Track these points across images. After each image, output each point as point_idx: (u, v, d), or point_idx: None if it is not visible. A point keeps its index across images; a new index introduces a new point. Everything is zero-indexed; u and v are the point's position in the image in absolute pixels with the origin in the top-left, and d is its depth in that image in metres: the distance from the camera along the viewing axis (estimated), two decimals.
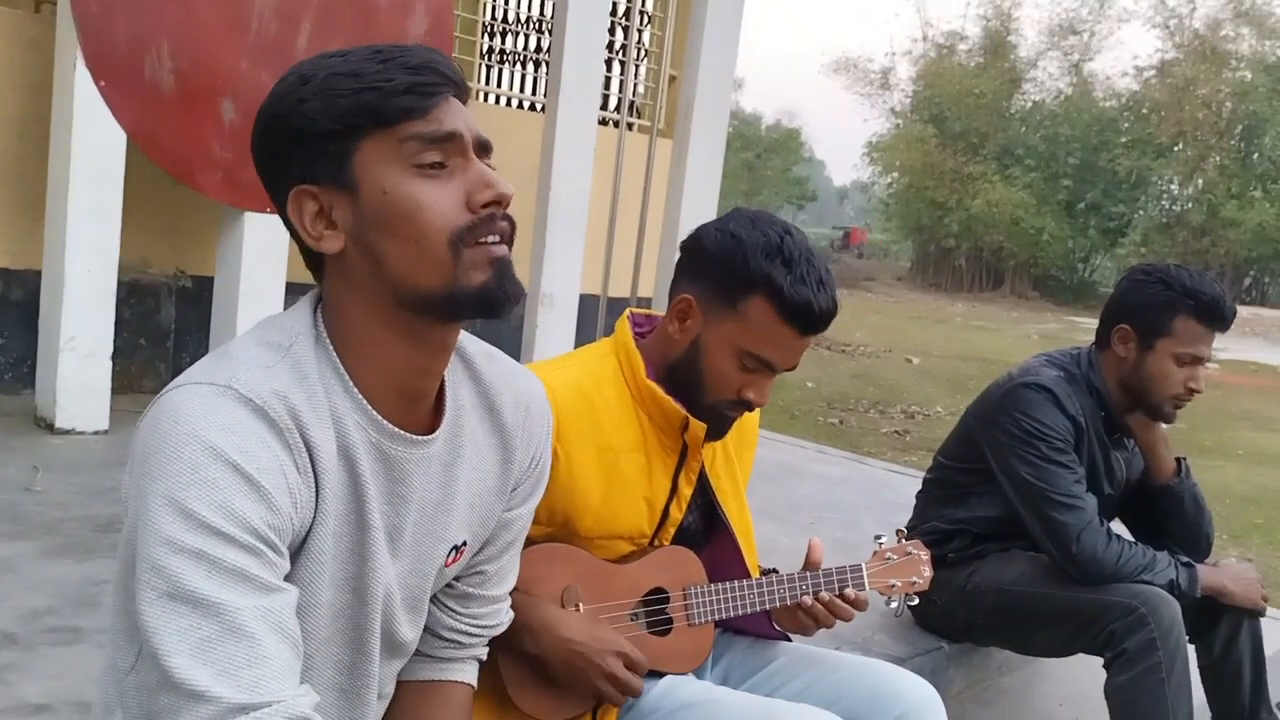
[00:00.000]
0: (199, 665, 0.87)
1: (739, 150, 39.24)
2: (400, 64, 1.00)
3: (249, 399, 0.96)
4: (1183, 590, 2.28)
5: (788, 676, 1.70)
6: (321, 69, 1.01)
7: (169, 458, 0.92)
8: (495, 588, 1.30)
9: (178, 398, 0.96)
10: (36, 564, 2.50)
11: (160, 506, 0.90)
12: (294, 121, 1.00)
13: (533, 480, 1.28)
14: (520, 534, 1.31)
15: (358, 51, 1.02)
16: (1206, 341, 2.34)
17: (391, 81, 0.99)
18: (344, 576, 1.07)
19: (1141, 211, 31.20)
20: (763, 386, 1.57)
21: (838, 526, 3.75)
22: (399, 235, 1.00)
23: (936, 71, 32.54)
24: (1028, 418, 2.35)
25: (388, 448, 1.06)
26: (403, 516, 1.11)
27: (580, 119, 4.83)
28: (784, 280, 1.48)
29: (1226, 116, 28.96)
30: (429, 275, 1.00)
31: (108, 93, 3.51)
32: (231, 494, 0.91)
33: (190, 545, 0.89)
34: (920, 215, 31.66)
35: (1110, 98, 31.97)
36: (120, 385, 4.05)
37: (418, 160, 1.00)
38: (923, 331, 16.74)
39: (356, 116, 0.99)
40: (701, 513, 1.73)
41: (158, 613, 0.89)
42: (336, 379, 1.03)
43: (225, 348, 1.03)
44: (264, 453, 0.95)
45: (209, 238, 4.43)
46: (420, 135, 0.99)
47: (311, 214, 1.02)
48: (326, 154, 1.00)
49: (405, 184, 0.99)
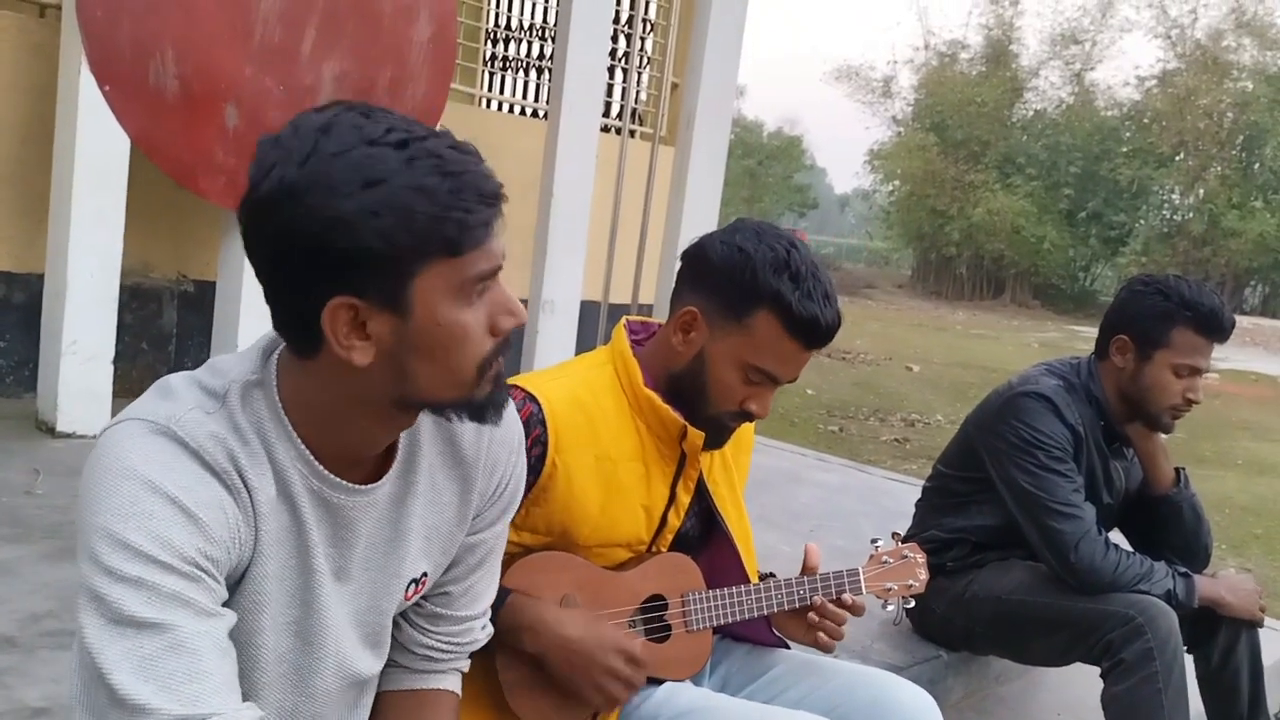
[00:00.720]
0: (141, 682, 0.90)
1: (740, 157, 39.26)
2: (474, 190, 0.97)
3: (184, 441, 0.98)
4: (1180, 601, 2.29)
5: (786, 684, 1.70)
6: (382, 172, 0.94)
7: (108, 491, 0.95)
8: (465, 608, 1.29)
9: (120, 434, 0.99)
10: (37, 567, 2.50)
11: (100, 538, 0.93)
12: (364, 237, 0.94)
13: (500, 505, 1.27)
14: (489, 557, 1.30)
15: (420, 159, 0.95)
16: (1205, 353, 2.35)
17: (471, 214, 0.97)
18: (286, 621, 1.08)
19: (1142, 221, 31.18)
20: (765, 398, 1.57)
21: (837, 534, 3.75)
22: (436, 360, 1.01)
23: (938, 80, 32.55)
24: (1027, 426, 2.36)
25: (329, 495, 1.07)
26: (348, 558, 1.12)
27: (582, 126, 4.84)
28: (791, 295, 1.48)
29: (1228, 127, 28.96)
30: (449, 393, 1.03)
31: (112, 98, 3.53)
32: (168, 525, 0.94)
33: (129, 574, 0.92)
34: (921, 223, 31.64)
35: (1112, 107, 31.99)
36: (122, 389, 4.05)
37: (469, 291, 1.00)
38: (923, 339, 16.73)
39: (432, 244, 0.96)
40: (700, 519, 1.74)
41: (101, 636, 0.92)
42: (278, 428, 1.04)
43: (168, 384, 1.04)
44: (201, 488, 0.98)
45: (211, 242, 4.45)
46: (482, 272, 1.00)
47: (347, 325, 0.98)
48: (386, 274, 0.96)
49: (456, 313, 1.00)
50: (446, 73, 4.41)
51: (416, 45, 4.22)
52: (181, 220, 4.54)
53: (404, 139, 0.97)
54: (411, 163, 0.95)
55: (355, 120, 0.98)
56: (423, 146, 0.96)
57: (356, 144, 0.95)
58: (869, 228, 46.40)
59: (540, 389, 1.54)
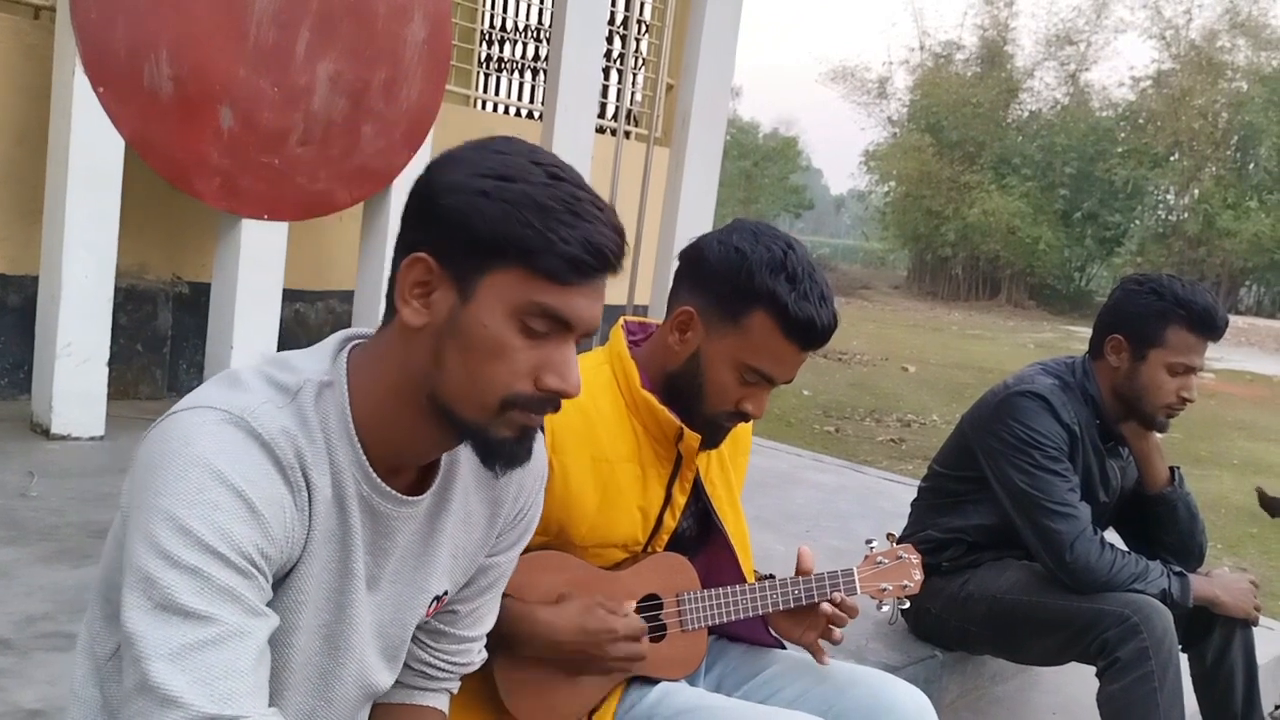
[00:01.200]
0: (177, 671, 0.89)
1: (736, 158, 39.30)
2: (586, 235, 0.99)
3: (258, 433, 0.98)
4: (1175, 600, 2.29)
5: (781, 684, 1.70)
6: (521, 177, 1.00)
7: (175, 476, 0.94)
8: (467, 629, 1.30)
9: (191, 420, 0.99)
10: (32, 569, 2.50)
11: (161, 521, 0.93)
12: (468, 209, 0.99)
13: (518, 531, 1.29)
14: (498, 581, 1.31)
15: (560, 189, 1.00)
16: (1199, 351, 2.35)
17: (569, 247, 0.99)
18: (318, 624, 1.09)
19: (1138, 221, 31.24)
20: (761, 399, 1.57)
21: (833, 535, 3.75)
22: (468, 365, 1.02)
23: (933, 81, 32.60)
24: (1023, 426, 2.36)
25: (377, 503, 1.08)
26: (382, 567, 1.13)
27: (578, 127, 4.85)
28: (788, 296, 1.49)
29: (1222, 127, 29.03)
30: (469, 408, 1.03)
31: (106, 99, 3.52)
32: (231, 517, 0.94)
33: (186, 561, 0.92)
34: (917, 224, 31.69)
35: (1107, 108, 32.04)
36: (117, 391, 4.05)
37: (529, 317, 1.01)
38: (919, 340, 16.75)
39: (518, 250, 0.98)
40: (697, 520, 1.74)
41: (145, 619, 0.91)
42: (342, 429, 1.05)
43: (237, 375, 1.05)
44: (267, 484, 0.98)
45: (206, 244, 4.44)
46: (549, 307, 1.00)
47: (416, 280, 1.02)
48: (468, 253, 1.00)
49: (504, 330, 1.01)
50: (441, 74, 4.41)
51: (411, 46, 4.22)
52: (176, 222, 4.53)
53: (559, 174, 1.02)
54: (549, 186, 1.00)
55: (534, 148, 1.05)
56: (570, 187, 1.01)
57: (520, 155, 1.03)
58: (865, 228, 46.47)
59: None
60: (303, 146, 4.00)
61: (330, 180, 4.12)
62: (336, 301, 5.09)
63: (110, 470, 3.40)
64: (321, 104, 4.00)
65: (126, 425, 3.87)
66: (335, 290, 5.07)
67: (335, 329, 4.90)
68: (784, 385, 1.60)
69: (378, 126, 4.19)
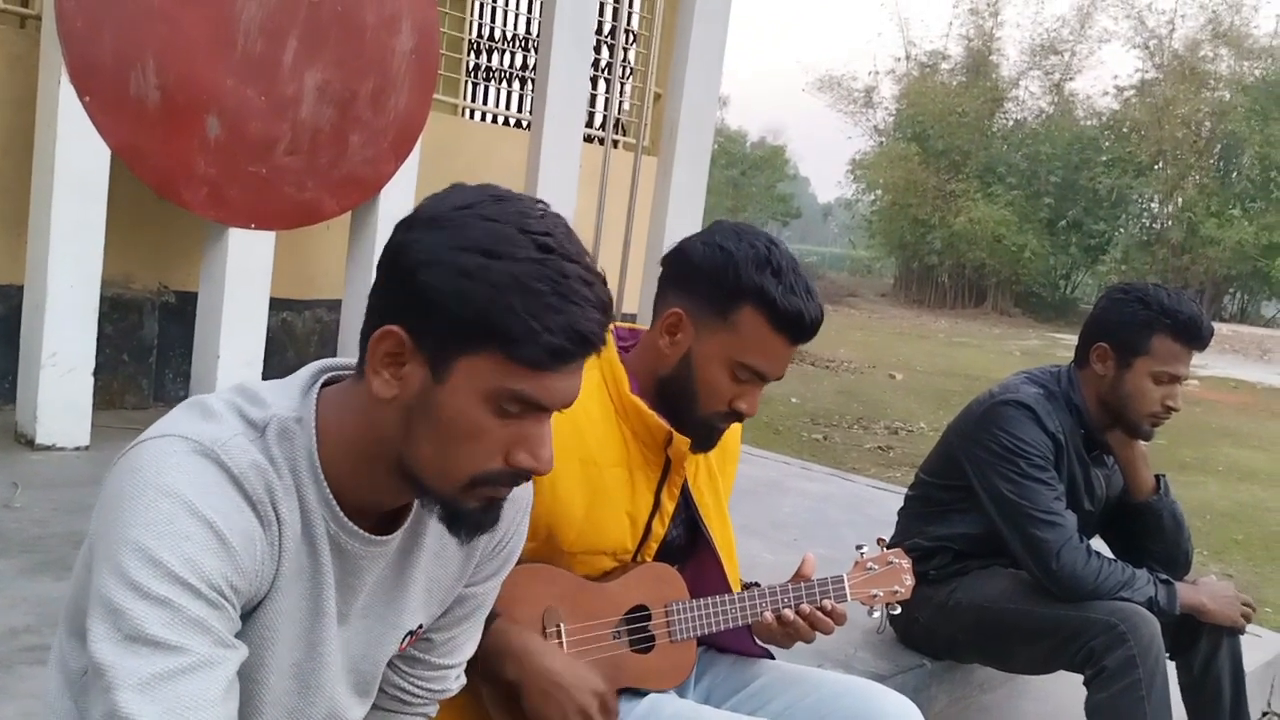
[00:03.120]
0: (146, 702, 0.88)
1: (724, 167, 39.34)
2: (570, 321, 0.96)
3: (228, 466, 0.97)
4: (1162, 608, 2.30)
5: (770, 695, 1.70)
6: (508, 253, 0.96)
7: (144, 506, 0.93)
8: (444, 656, 1.30)
9: (161, 448, 0.97)
10: (15, 582, 2.48)
11: (130, 552, 0.91)
12: (446, 288, 0.95)
13: (497, 561, 1.28)
14: (476, 611, 1.30)
15: (549, 266, 0.96)
16: (1184, 360, 2.36)
17: (551, 336, 0.95)
18: (289, 662, 1.08)
19: (1122, 229, 31.37)
20: (753, 396, 1.58)
21: (821, 543, 3.75)
22: (438, 443, 1.00)
23: (919, 90, 32.72)
24: (1008, 435, 2.37)
25: (345, 541, 1.07)
26: (350, 603, 1.12)
27: (566, 136, 4.85)
28: (776, 291, 1.50)
29: (1206, 136, 29.20)
30: (436, 481, 1.02)
31: (92, 108, 3.51)
32: (201, 549, 0.93)
33: (155, 592, 0.91)
34: (903, 232, 31.78)
35: (1091, 117, 32.20)
36: (102, 401, 4.02)
37: (503, 401, 0.98)
38: (906, 348, 16.80)
39: (495, 336, 0.95)
40: (685, 527, 1.74)
41: (114, 650, 0.90)
42: (309, 470, 1.04)
43: (207, 404, 1.03)
44: (237, 516, 0.97)
45: (193, 253, 4.42)
46: (524, 393, 0.98)
47: (388, 352, 0.99)
48: (443, 334, 0.97)
49: (478, 412, 0.98)
50: (429, 83, 4.41)
51: (399, 56, 4.22)
52: (163, 231, 4.52)
53: (550, 245, 0.97)
54: (538, 264, 0.96)
55: (527, 208, 1.00)
56: (560, 261, 0.97)
57: (509, 222, 0.98)
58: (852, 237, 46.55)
59: None
60: (290, 156, 3.99)
61: (318, 189, 4.11)
62: (324, 311, 5.08)
63: (95, 481, 3.37)
64: (309, 113, 4.00)
65: (112, 435, 3.85)
66: (323, 299, 5.05)
67: (322, 338, 4.87)
68: (771, 384, 1.60)
69: (365, 136, 4.19)
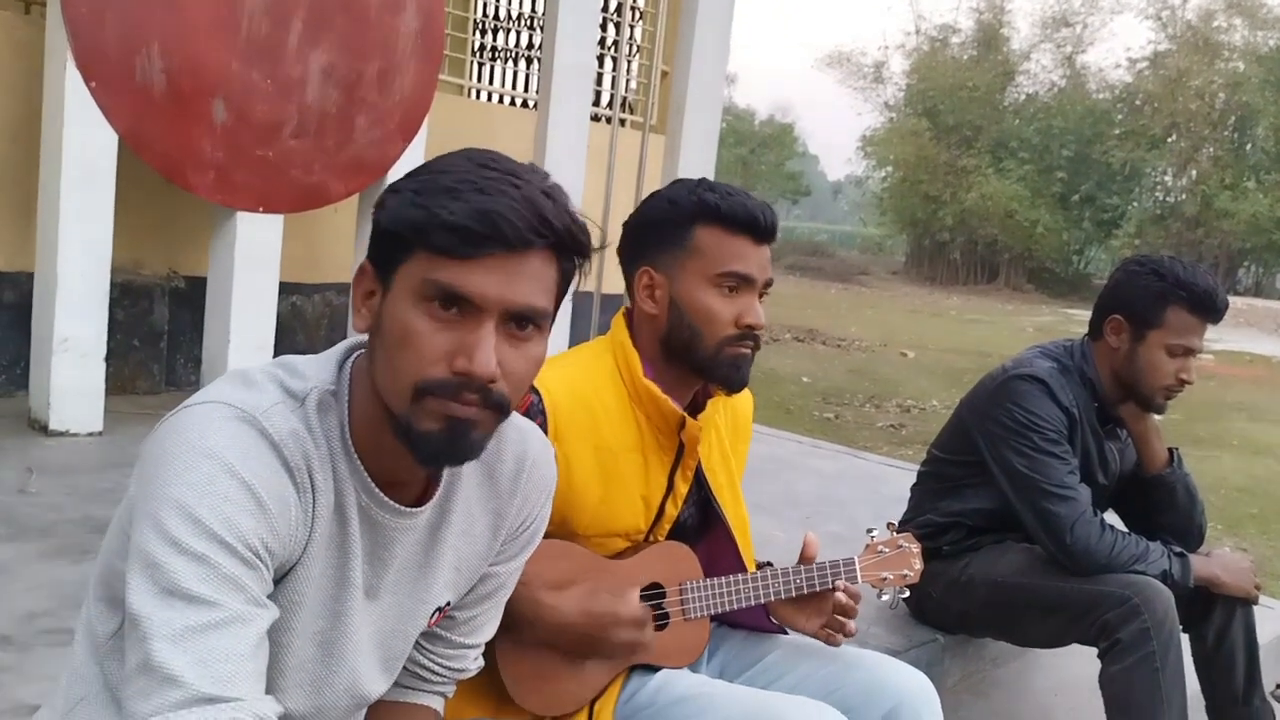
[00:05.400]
0: (179, 652, 0.90)
1: (732, 146, 39.24)
2: (487, 208, 0.97)
3: (268, 433, 1.00)
4: (1176, 580, 2.29)
5: (783, 669, 1.70)
6: (450, 170, 1.01)
7: (186, 467, 0.96)
8: (465, 635, 1.30)
9: (204, 413, 1.00)
10: (32, 566, 2.50)
11: (170, 509, 0.94)
12: (392, 210, 1.02)
13: (521, 542, 1.29)
14: (498, 591, 1.31)
15: (488, 175, 1.00)
16: (1198, 333, 2.35)
17: (455, 219, 0.97)
18: (313, 629, 1.09)
19: (1135, 203, 31.21)
20: (752, 305, 1.58)
21: (833, 521, 3.75)
22: (387, 356, 1.02)
23: (930, 65, 32.54)
24: (1021, 409, 2.36)
25: (376, 514, 1.09)
26: (381, 577, 1.13)
27: (572, 116, 4.84)
28: (716, 200, 1.56)
29: (1219, 108, 28.97)
30: (394, 400, 1.02)
31: (98, 94, 3.51)
32: (239, 510, 0.96)
33: (193, 548, 0.93)
34: (914, 209, 31.66)
35: (1103, 90, 31.99)
36: (114, 387, 4.04)
37: (428, 297, 0.99)
38: (918, 325, 16.75)
39: (419, 233, 0.99)
40: (698, 508, 1.74)
41: (150, 602, 0.92)
42: (342, 442, 1.06)
43: (249, 374, 1.06)
44: (275, 481, 0.99)
45: (201, 238, 4.43)
46: (446, 285, 0.98)
47: (365, 290, 1.06)
48: (388, 250, 1.03)
49: (411, 315, 1.00)
50: (434, 64, 4.40)
51: (404, 36, 4.20)
52: (171, 216, 4.53)
53: (490, 164, 1.01)
54: (465, 173, 1.00)
55: (492, 154, 1.04)
56: (491, 170, 1.01)
57: (465, 156, 1.03)
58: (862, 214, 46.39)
59: (540, 379, 1.54)
60: (296, 139, 3.98)
61: (324, 172, 4.11)
62: (333, 294, 5.08)
63: (109, 466, 3.40)
64: (315, 96, 3.99)
65: (125, 421, 3.87)
66: (331, 283, 5.06)
67: (332, 322, 4.90)
68: (765, 288, 1.60)
69: (371, 117, 4.18)
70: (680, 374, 1.62)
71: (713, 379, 1.61)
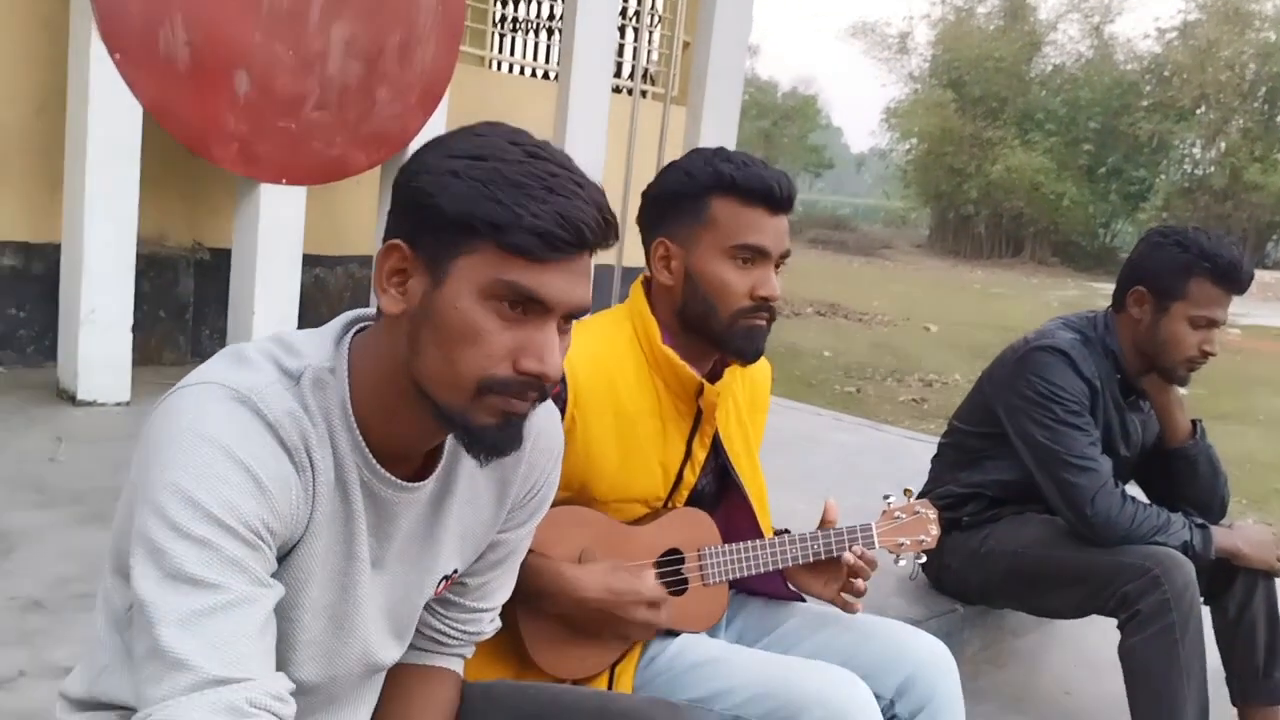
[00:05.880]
0: (187, 637, 0.91)
1: (755, 118, 38.99)
2: (559, 210, 0.97)
3: (264, 414, 0.99)
4: (1197, 552, 2.29)
5: (801, 636, 1.72)
6: (495, 155, 0.98)
7: (183, 451, 0.96)
8: (477, 600, 1.31)
9: (199, 396, 1.00)
10: (63, 533, 2.54)
11: (170, 494, 0.94)
12: (436, 192, 0.98)
13: (529, 509, 1.29)
14: (509, 557, 1.32)
15: (536, 166, 0.98)
16: (1222, 305, 2.33)
17: (539, 221, 0.96)
18: (323, 603, 1.10)
19: (1163, 176, 30.82)
20: (768, 277, 1.57)
21: (855, 493, 3.74)
22: (442, 349, 1.00)
23: (955, 35, 32.15)
24: (1043, 381, 2.35)
25: (378, 488, 1.09)
26: (386, 549, 1.14)
27: (593, 87, 4.82)
28: (731, 171, 1.55)
29: (1250, 79, 28.52)
30: (446, 393, 1.01)
31: (123, 66, 3.53)
32: (239, 492, 0.96)
33: (194, 533, 0.93)
34: (939, 182, 31.41)
35: (1131, 60, 31.53)
36: (141, 358, 4.09)
37: (500, 296, 0.98)
38: (941, 299, 16.66)
39: (486, 227, 0.97)
40: (716, 476, 1.75)
41: (155, 588, 0.93)
42: (342, 417, 1.06)
43: (244, 353, 1.06)
44: (273, 462, 0.99)
45: (226, 210, 4.46)
46: (521, 286, 0.98)
47: (393, 268, 1.02)
48: (439, 236, 0.99)
49: (476, 309, 0.99)
50: (456, 35, 4.39)
51: (425, 8, 4.20)
52: (196, 188, 4.55)
53: (538, 153, 1.00)
54: (524, 163, 0.98)
55: (519, 131, 1.03)
56: (548, 164, 0.99)
57: (500, 136, 1.01)
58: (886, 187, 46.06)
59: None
60: (318, 111, 3.99)
61: (346, 145, 4.12)
62: (356, 266, 5.11)
63: (136, 436, 3.42)
64: (336, 68, 4.00)
65: (152, 391, 3.91)
66: (354, 255, 5.08)
67: (355, 294, 4.92)
68: (782, 259, 1.59)
69: (393, 90, 4.18)
70: (697, 343, 1.63)
71: (727, 350, 1.61)
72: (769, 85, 46.05)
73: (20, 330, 4.20)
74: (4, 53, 3.99)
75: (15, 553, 2.38)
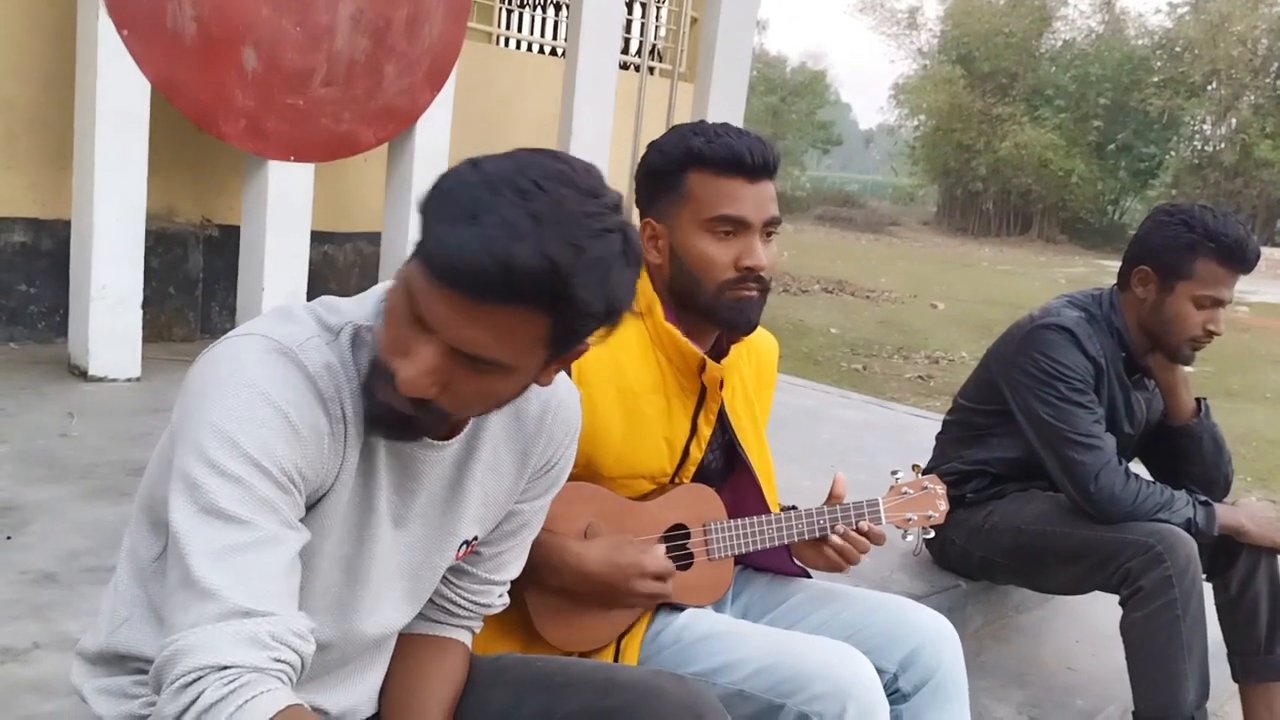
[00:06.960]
0: (217, 569, 0.95)
1: (763, 94, 38.74)
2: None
3: (303, 365, 1.04)
4: (1200, 529, 2.30)
5: (806, 611, 1.73)
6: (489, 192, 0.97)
7: (226, 394, 1.00)
8: (490, 572, 1.34)
9: (243, 345, 1.05)
10: (74, 507, 2.57)
11: (210, 433, 0.99)
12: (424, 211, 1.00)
13: (546, 482, 1.32)
14: (523, 529, 1.34)
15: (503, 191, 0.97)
16: (1228, 284, 2.33)
17: (448, 229, 0.95)
18: (339, 554, 1.14)
19: (1173, 152, 30.61)
20: (752, 247, 1.56)
21: (861, 469, 3.77)
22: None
23: (965, 11, 31.89)
24: (1048, 358, 2.36)
25: (403, 445, 1.12)
26: (409, 506, 1.17)
27: (601, 63, 4.81)
28: (702, 145, 1.55)
29: (1262, 54, 28.24)
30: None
31: (130, 42, 3.53)
32: (276, 436, 1.00)
33: (231, 470, 0.98)
34: (947, 158, 31.24)
35: (1142, 36, 31.26)
36: (151, 334, 4.11)
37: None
38: (948, 276, 16.61)
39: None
40: (722, 451, 1.76)
41: (190, 520, 0.97)
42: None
43: (290, 310, 1.11)
44: (309, 411, 1.04)
45: (234, 186, 4.47)
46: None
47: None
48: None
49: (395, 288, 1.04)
50: (463, 11, 4.38)
51: None
52: (204, 164, 4.56)
53: (523, 186, 0.95)
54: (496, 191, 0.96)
55: (548, 163, 1.00)
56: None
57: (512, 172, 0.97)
58: (894, 164, 45.80)
59: None
60: (326, 87, 3.99)
61: (354, 121, 4.12)
62: (364, 243, 5.12)
63: (147, 411, 3.47)
64: (344, 44, 3.99)
65: (162, 367, 3.94)
66: (362, 232, 5.09)
67: (363, 270, 4.91)
68: (769, 227, 1.57)
69: (400, 66, 4.18)
70: (698, 319, 1.64)
71: (718, 323, 1.62)
72: (777, 60, 45.72)
73: (31, 306, 4.22)
74: (12, 29, 3.99)
75: (28, 527, 2.41)
